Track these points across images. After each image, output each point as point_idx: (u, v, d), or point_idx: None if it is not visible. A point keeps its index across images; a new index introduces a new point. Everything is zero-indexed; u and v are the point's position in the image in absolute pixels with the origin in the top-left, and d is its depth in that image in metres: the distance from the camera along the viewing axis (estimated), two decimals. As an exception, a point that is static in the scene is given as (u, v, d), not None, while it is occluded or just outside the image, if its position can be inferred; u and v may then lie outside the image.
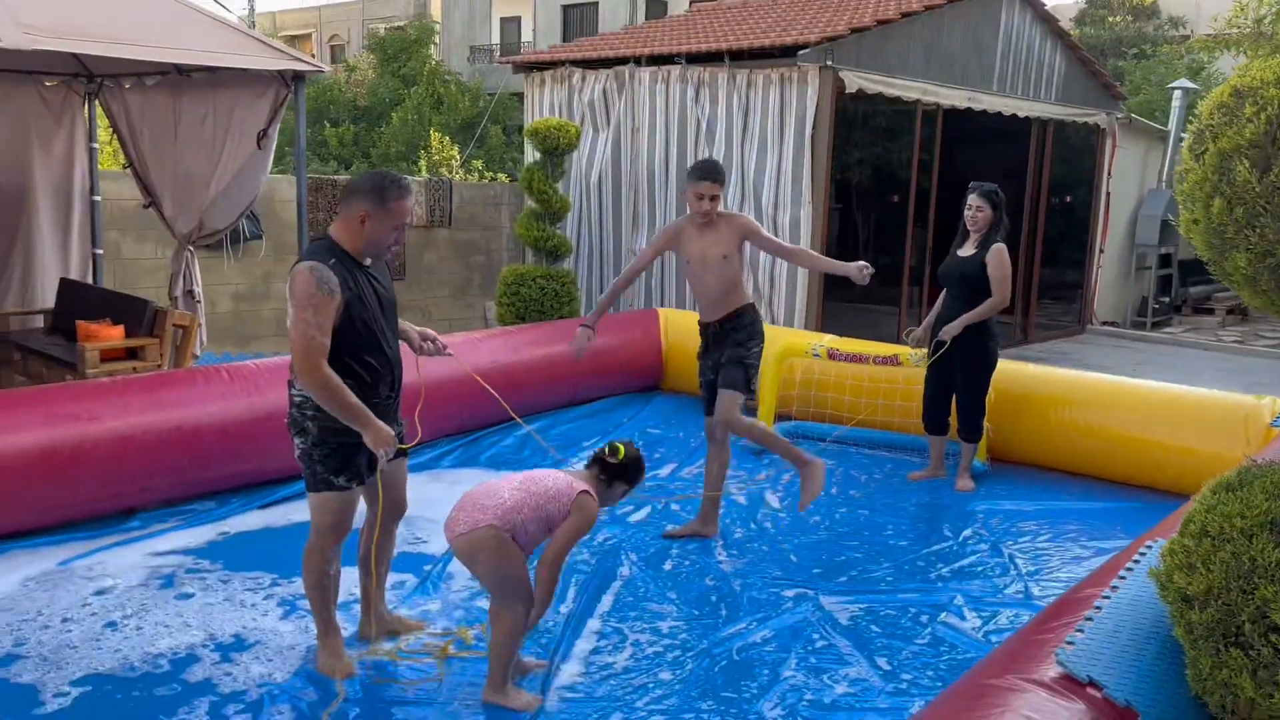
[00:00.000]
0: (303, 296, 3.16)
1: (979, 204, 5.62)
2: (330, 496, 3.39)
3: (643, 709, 3.41)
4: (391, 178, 3.32)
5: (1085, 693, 2.24)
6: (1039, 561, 4.79)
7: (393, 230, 3.33)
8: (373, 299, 3.36)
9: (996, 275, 5.56)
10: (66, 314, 6.78)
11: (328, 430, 3.31)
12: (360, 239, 3.31)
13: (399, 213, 3.31)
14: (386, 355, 3.42)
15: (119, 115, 7.14)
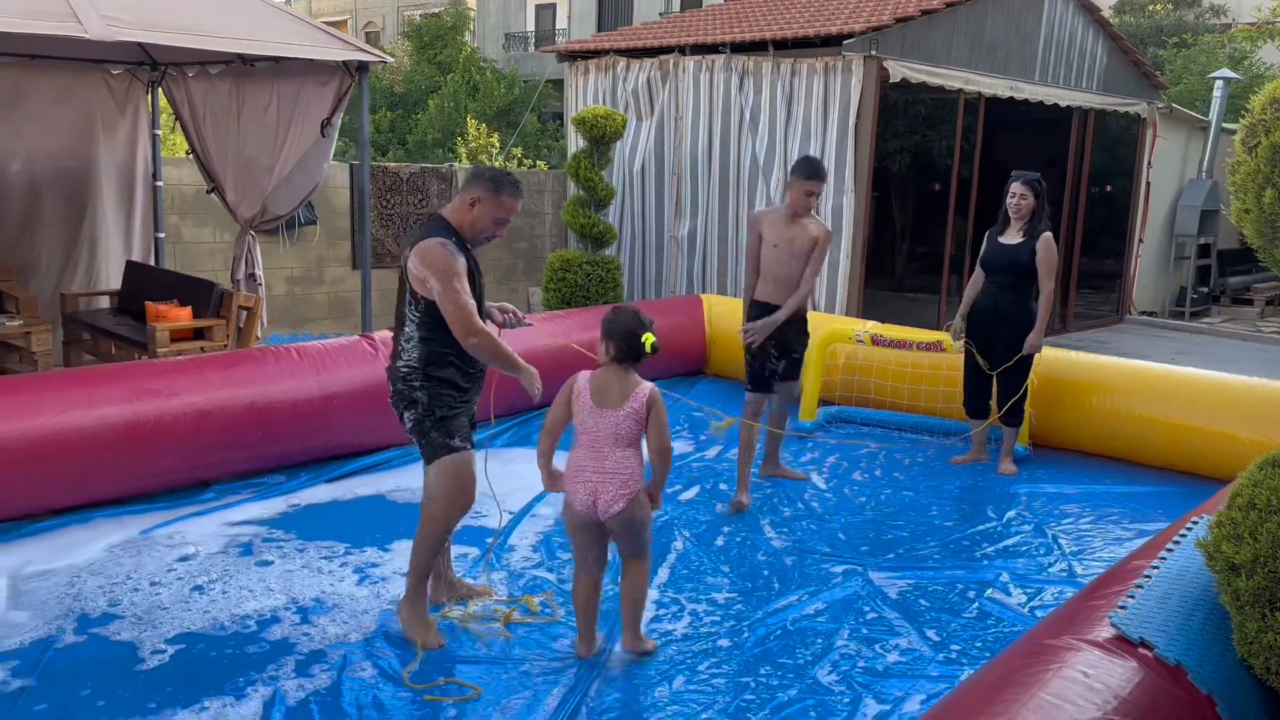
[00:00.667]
0: (446, 267, 3.41)
1: (1023, 191, 5.72)
2: (452, 460, 3.58)
3: (704, 672, 3.59)
4: (510, 178, 3.58)
5: (1137, 653, 2.39)
6: (1082, 542, 4.91)
7: (495, 222, 3.57)
8: (479, 279, 3.63)
9: (1046, 264, 5.66)
10: (133, 295, 7.03)
11: (437, 398, 3.55)
12: (468, 221, 3.55)
13: (506, 206, 3.56)
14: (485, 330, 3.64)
15: (181, 103, 7.36)
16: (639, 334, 3.40)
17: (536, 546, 4.69)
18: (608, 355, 3.43)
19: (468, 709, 3.30)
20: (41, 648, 3.61)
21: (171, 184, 8.43)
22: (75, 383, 4.75)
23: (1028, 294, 5.75)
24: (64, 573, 4.21)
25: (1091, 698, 2.19)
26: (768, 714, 3.33)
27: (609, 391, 3.40)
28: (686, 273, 9.99)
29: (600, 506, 3.39)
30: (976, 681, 2.36)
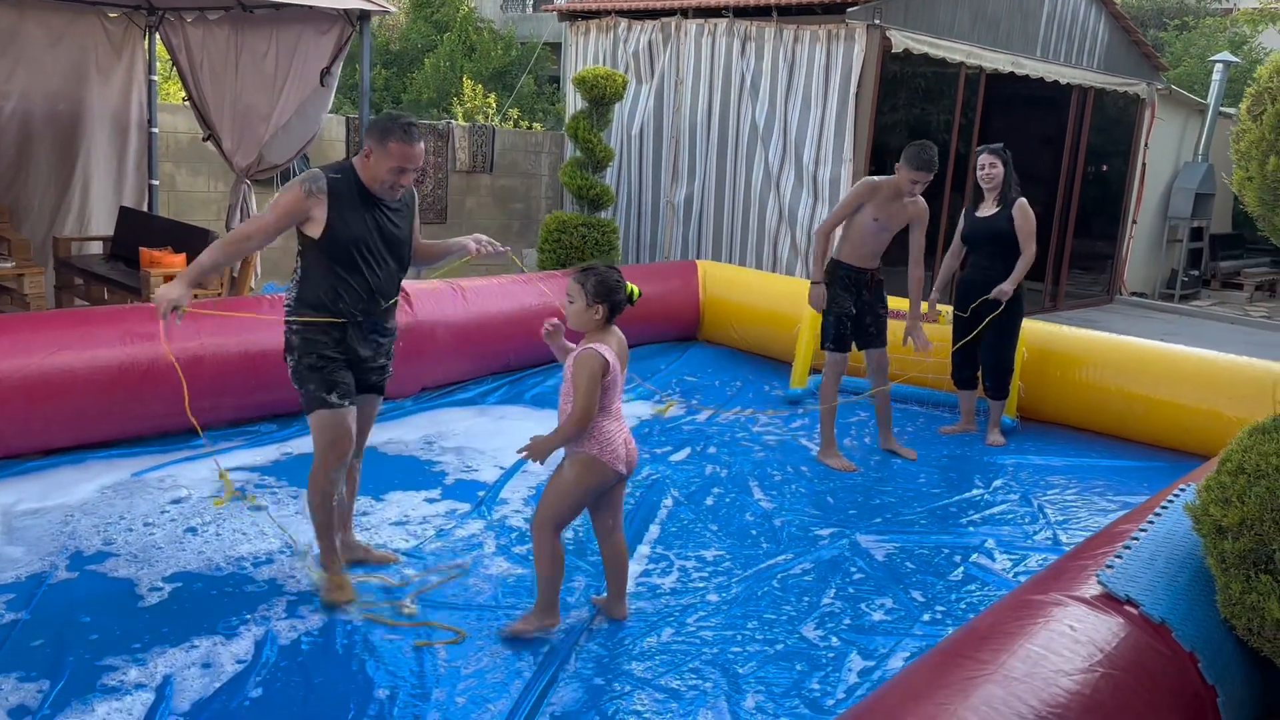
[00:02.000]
0: (276, 197, 3.42)
1: (990, 160, 5.76)
2: (325, 415, 3.48)
3: (692, 625, 3.64)
4: (400, 122, 3.34)
5: (1123, 609, 2.43)
6: (1067, 512, 4.97)
7: (391, 170, 3.37)
8: (370, 228, 3.44)
9: (1025, 230, 5.68)
10: (126, 241, 7.00)
11: (310, 343, 3.46)
12: (367, 174, 3.41)
13: (396, 154, 3.34)
14: (367, 282, 3.49)
15: (179, 49, 7.30)
16: (624, 288, 3.34)
17: (528, 500, 4.72)
18: (602, 317, 3.31)
19: (459, 653, 3.34)
20: (36, 582, 3.63)
21: (166, 131, 8.36)
22: (69, 323, 4.74)
23: (1014, 263, 5.77)
24: (57, 511, 4.23)
25: (1077, 650, 2.23)
26: (754, 665, 3.38)
27: (623, 353, 3.39)
28: (681, 238, 9.98)
29: (635, 456, 3.50)
30: (965, 632, 2.41)
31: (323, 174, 3.40)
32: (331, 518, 3.63)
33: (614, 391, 3.35)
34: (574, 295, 3.31)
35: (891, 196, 5.30)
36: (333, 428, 3.51)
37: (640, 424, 6.01)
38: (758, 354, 7.66)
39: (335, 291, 3.46)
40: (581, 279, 3.30)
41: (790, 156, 9.11)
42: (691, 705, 3.13)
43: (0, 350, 4.45)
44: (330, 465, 3.54)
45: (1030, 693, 2.03)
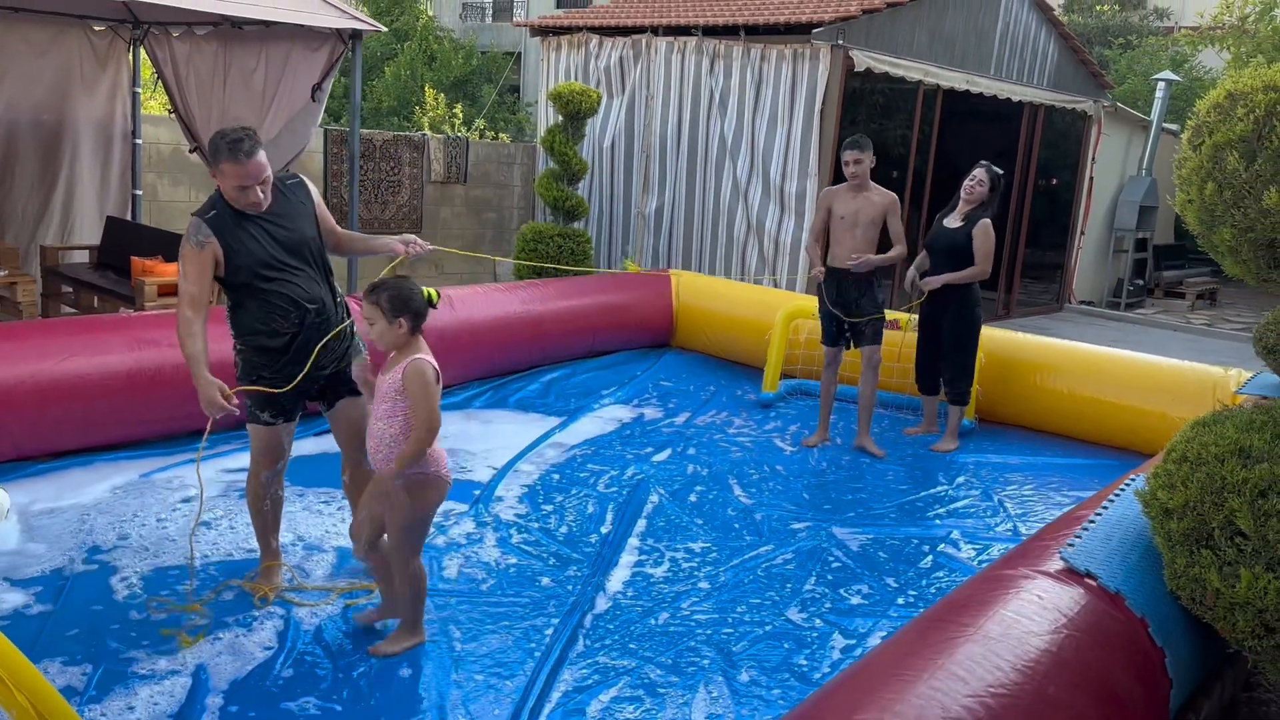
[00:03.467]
0: (181, 254, 3.47)
1: (981, 178, 6.05)
2: (257, 429, 3.65)
3: (686, 609, 3.91)
4: (226, 140, 3.34)
5: (1084, 582, 2.75)
6: (1025, 506, 5.33)
7: (235, 189, 3.39)
8: (264, 243, 3.48)
9: (982, 249, 5.99)
10: (114, 250, 7.13)
11: (249, 365, 3.58)
12: (229, 198, 3.44)
13: (229, 174, 3.36)
14: (284, 293, 3.52)
15: (164, 62, 7.45)
16: (420, 295, 3.22)
17: (522, 498, 4.97)
18: (406, 330, 3.20)
19: (472, 637, 3.58)
20: (59, 577, 3.82)
21: (149, 142, 8.48)
22: (80, 330, 4.91)
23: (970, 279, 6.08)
24: (72, 510, 4.40)
25: (1045, 616, 2.54)
26: (746, 644, 3.67)
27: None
28: (652, 248, 10.28)
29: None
30: (945, 603, 2.71)
31: (200, 220, 3.44)
32: (265, 517, 3.81)
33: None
34: (372, 316, 3.19)
35: (849, 192, 5.83)
36: (264, 440, 3.68)
37: (622, 426, 6.28)
38: (730, 360, 7.97)
39: (261, 313, 3.53)
40: (374, 298, 3.18)
41: (758, 170, 9.45)
42: (692, 680, 3.40)
43: (14, 356, 4.62)
44: (261, 469, 3.72)
45: (1006, 650, 2.34)
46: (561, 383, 7.14)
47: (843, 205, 5.85)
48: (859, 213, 5.81)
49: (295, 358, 3.56)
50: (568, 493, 5.10)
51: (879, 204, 5.81)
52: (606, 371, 7.56)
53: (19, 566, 3.88)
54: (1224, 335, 12.64)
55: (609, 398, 6.88)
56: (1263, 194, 2.64)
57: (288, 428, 3.72)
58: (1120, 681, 2.45)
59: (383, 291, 3.18)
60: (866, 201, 5.80)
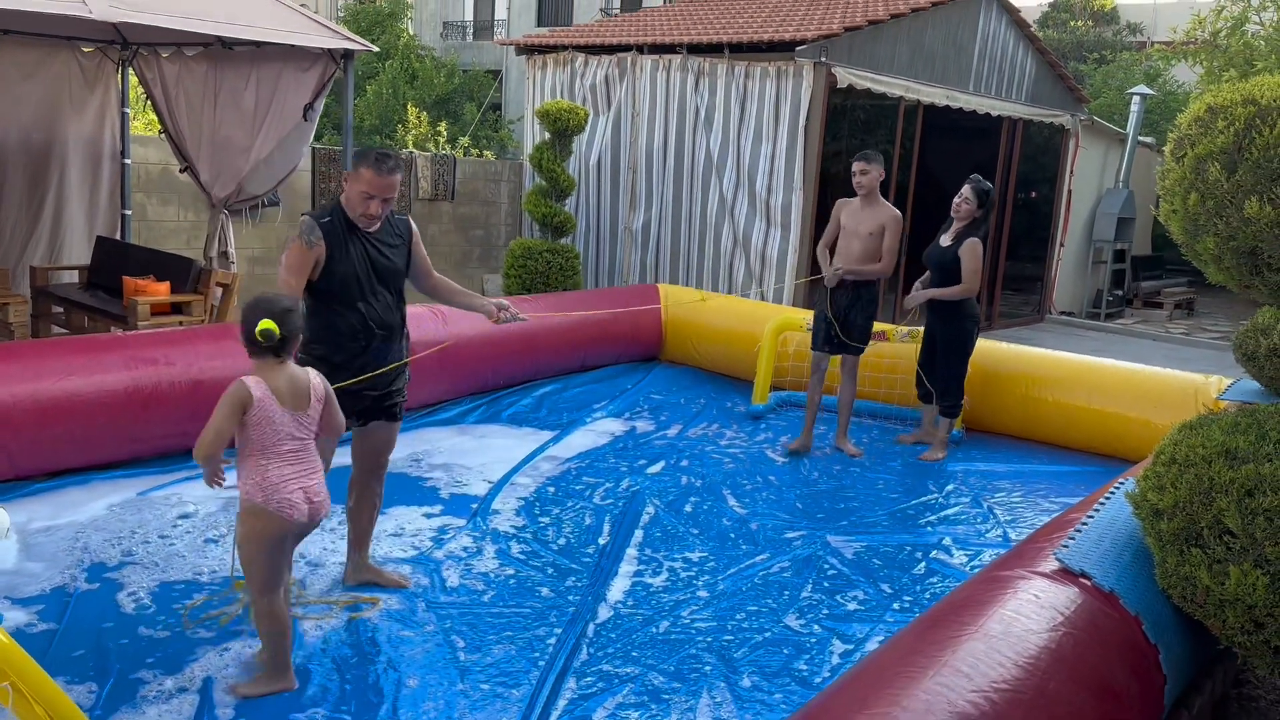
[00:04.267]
0: (289, 241, 3.62)
1: (968, 196, 6.15)
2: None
3: (686, 618, 3.97)
4: (376, 151, 3.55)
5: (1078, 581, 2.83)
6: (1014, 512, 5.41)
7: (362, 197, 3.54)
8: (361, 263, 3.61)
9: (968, 268, 6.07)
10: (105, 270, 7.14)
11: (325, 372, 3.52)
12: (352, 207, 3.60)
13: (364, 179, 3.52)
14: (364, 316, 3.64)
15: (154, 82, 7.48)
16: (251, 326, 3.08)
17: (519, 511, 5.01)
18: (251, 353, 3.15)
19: (477, 647, 3.62)
20: (61, 594, 3.83)
21: (138, 162, 8.51)
22: (78, 350, 4.93)
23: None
24: (68, 529, 4.41)
25: (1042, 614, 2.61)
26: (746, 650, 3.73)
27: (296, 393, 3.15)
28: (640, 263, 10.36)
29: (323, 509, 3.24)
30: (945, 603, 2.78)
31: (314, 222, 3.57)
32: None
33: (272, 431, 3.09)
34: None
35: (859, 204, 6.03)
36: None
37: (614, 440, 6.34)
38: (719, 373, 8.04)
39: (335, 326, 3.62)
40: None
41: (744, 185, 9.56)
42: (696, 685, 3.46)
43: (13, 375, 4.64)
44: None
45: (1007, 646, 2.41)
46: (553, 397, 7.19)
47: (851, 216, 6.05)
48: (860, 225, 5.96)
49: (352, 375, 3.65)
50: (564, 505, 5.15)
51: (879, 219, 5.96)
52: (598, 385, 7.62)
53: (18, 585, 3.89)
54: (1202, 344, 12.82)
55: (601, 411, 6.94)
56: (1244, 203, 2.74)
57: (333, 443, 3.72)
58: (1117, 677, 2.52)
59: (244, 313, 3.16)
60: (871, 215, 5.97)
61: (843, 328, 6.09)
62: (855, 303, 6.06)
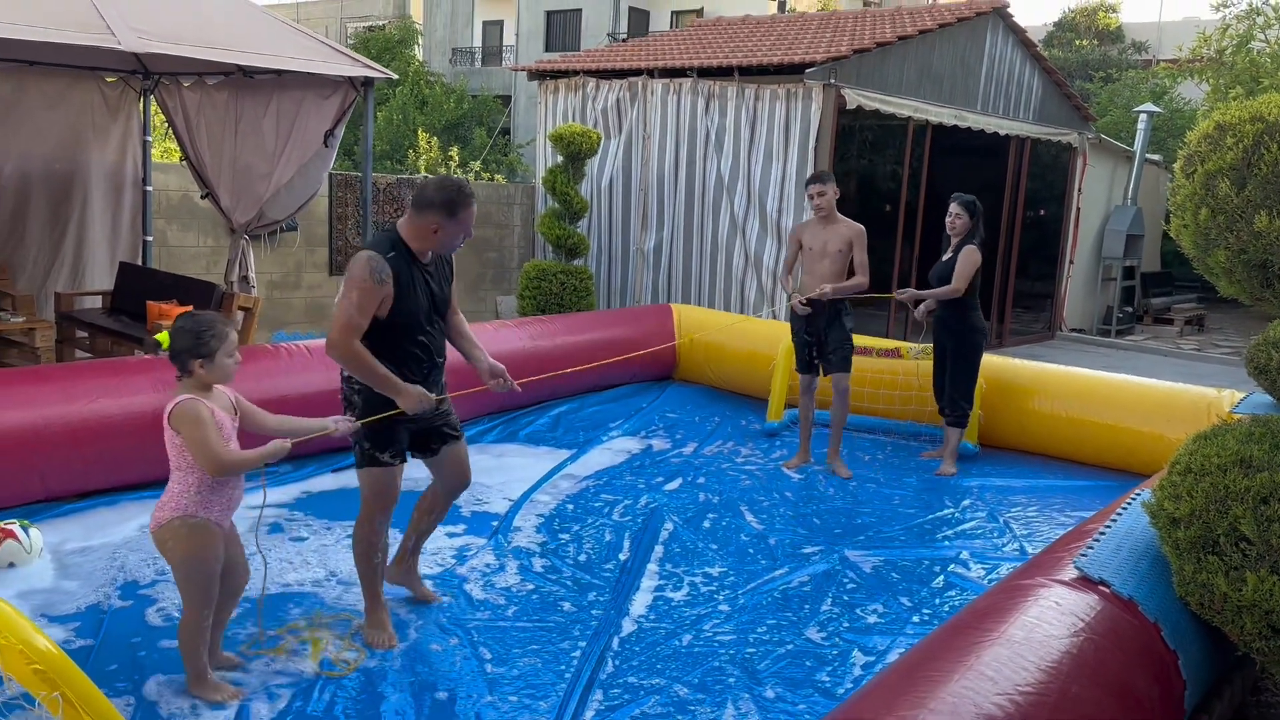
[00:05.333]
0: (355, 280, 3.46)
1: (957, 211, 6.28)
2: (376, 472, 3.67)
3: (709, 631, 4.02)
4: (461, 192, 3.55)
5: (1098, 589, 2.88)
6: (1030, 527, 5.46)
7: (461, 235, 3.64)
8: (424, 294, 3.62)
9: (960, 268, 6.14)
10: (128, 295, 7.25)
11: (370, 404, 3.58)
12: (430, 245, 3.59)
13: (466, 220, 3.59)
14: (427, 345, 3.68)
15: (175, 111, 7.62)
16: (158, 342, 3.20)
17: (539, 528, 5.08)
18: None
19: (503, 661, 3.68)
20: (96, 612, 3.90)
21: (159, 189, 8.64)
22: (106, 373, 5.03)
23: (965, 305, 6.24)
24: (103, 549, 4.49)
25: (1063, 620, 2.67)
26: (769, 663, 3.78)
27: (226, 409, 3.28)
28: (652, 284, 10.45)
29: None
30: (967, 611, 2.84)
31: (381, 257, 3.49)
32: (376, 570, 3.80)
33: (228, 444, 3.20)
34: None
35: (818, 224, 6.09)
36: (382, 484, 3.70)
37: (631, 458, 6.40)
38: (733, 391, 8.11)
39: (400, 359, 3.61)
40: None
41: (754, 205, 9.66)
42: (721, 697, 3.51)
43: (45, 398, 4.74)
44: (375, 518, 3.72)
45: (1029, 651, 2.46)
46: (570, 416, 7.26)
47: (811, 237, 6.09)
48: (826, 244, 6.02)
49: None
50: (584, 522, 5.21)
51: (845, 235, 6.01)
52: (613, 405, 7.69)
53: (55, 603, 3.97)
54: (1214, 359, 12.85)
55: (617, 430, 7.01)
56: (1254, 218, 2.82)
57: (402, 469, 3.77)
58: (1138, 682, 2.58)
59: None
60: (834, 233, 6.02)
61: (821, 349, 6.14)
62: (833, 322, 6.08)
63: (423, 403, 3.58)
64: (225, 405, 3.28)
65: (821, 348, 6.14)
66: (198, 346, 3.16)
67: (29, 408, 4.74)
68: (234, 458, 3.16)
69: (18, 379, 4.97)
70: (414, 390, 3.56)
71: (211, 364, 3.18)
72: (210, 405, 3.16)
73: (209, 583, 3.25)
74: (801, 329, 6.19)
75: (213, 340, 3.16)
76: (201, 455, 3.10)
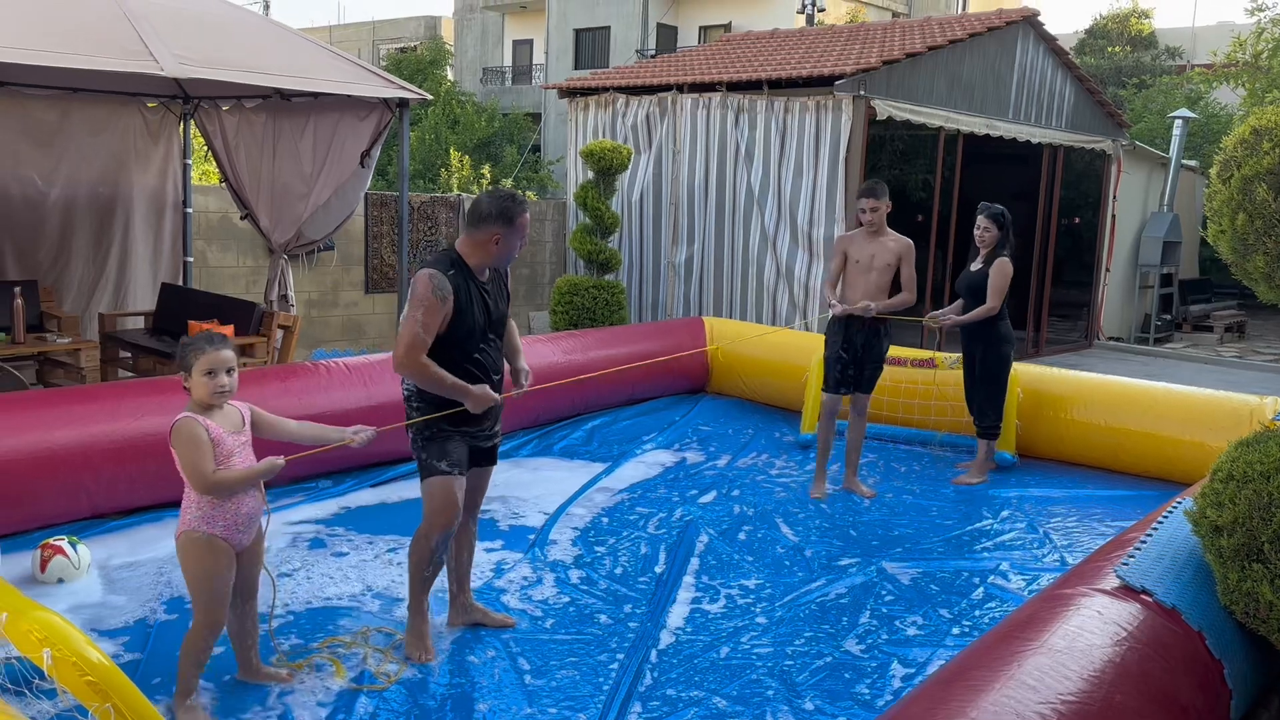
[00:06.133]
0: (419, 297, 3.54)
1: (986, 224, 6.22)
2: (435, 481, 3.73)
3: (746, 643, 4.02)
4: (515, 200, 3.64)
5: (1140, 598, 2.86)
6: (1070, 537, 5.41)
7: (520, 242, 3.71)
8: (481, 311, 3.69)
9: (994, 285, 6.10)
10: (170, 315, 7.39)
11: (427, 410, 3.68)
12: (491, 257, 3.66)
13: (522, 227, 3.68)
14: (482, 362, 3.74)
15: (214, 134, 7.77)
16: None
17: (575, 541, 5.10)
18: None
19: (543, 673, 3.70)
20: (144, 626, 3.97)
21: (199, 211, 8.80)
22: (150, 391, 5.13)
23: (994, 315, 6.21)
24: (149, 564, 4.57)
25: (1106, 629, 2.65)
26: (807, 676, 3.77)
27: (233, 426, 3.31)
28: (683, 297, 10.48)
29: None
30: (1007, 622, 2.82)
31: (441, 275, 3.56)
32: (425, 583, 3.84)
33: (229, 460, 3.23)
34: None
35: (864, 238, 5.83)
36: (443, 495, 3.74)
37: (665, 470, 6.42)
38: (766, 403, 8.10)
39: (458, 374, 3.65)
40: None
41: (785, 218, 9.66)
42: (760, 709, 3.51)
43: (92, 416, 4.84)
44: (437, 529, 3.75)
45: (1071, 660, 2.45)
46: (603, 430, 7.29)
47: (858, 250, 5.84)
48: (874, 258, 5.79)
49: (473, 418, 3.74)
50: (619, 535, 5.23)
51: (894, 250, 5.78)
52: (646, 418, 7.71)
53: (104, 617, 4.04)
54: (1256, 366, 12.66)
55: (650, 443, 7.03)
56: (1292, 222, 2.79)
57: (462, 481, 3.80)
58: (1183, 690, 2.55)
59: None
60: (882, 247, 5.78)
61: (859, 365, 5.88)
62: (873, 339, 5.87)
63: (489, 400, 3.66)
64: (232, 423, 3.28)
65: (859, 366, 5.88)
66: (180, 359, 3.21)
67: (76, 426, 4.84)
68: (218, 477, 3.17)
69: (65, 399, 5.08)
70: (481, 389, 3.65)
71: (189, 378, 3.20)
72: (209, 423, 3.18)
73: (212, 598, 3.27)
74: (838, 344, 5.87)
75: (190, 354, 3.16)
76: (188, 474, 3.16)
